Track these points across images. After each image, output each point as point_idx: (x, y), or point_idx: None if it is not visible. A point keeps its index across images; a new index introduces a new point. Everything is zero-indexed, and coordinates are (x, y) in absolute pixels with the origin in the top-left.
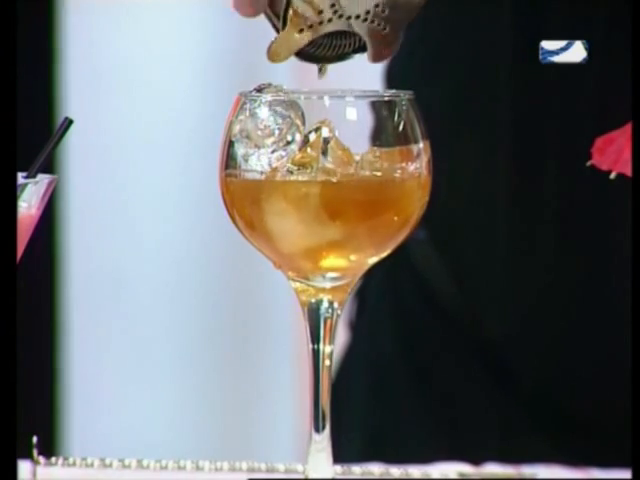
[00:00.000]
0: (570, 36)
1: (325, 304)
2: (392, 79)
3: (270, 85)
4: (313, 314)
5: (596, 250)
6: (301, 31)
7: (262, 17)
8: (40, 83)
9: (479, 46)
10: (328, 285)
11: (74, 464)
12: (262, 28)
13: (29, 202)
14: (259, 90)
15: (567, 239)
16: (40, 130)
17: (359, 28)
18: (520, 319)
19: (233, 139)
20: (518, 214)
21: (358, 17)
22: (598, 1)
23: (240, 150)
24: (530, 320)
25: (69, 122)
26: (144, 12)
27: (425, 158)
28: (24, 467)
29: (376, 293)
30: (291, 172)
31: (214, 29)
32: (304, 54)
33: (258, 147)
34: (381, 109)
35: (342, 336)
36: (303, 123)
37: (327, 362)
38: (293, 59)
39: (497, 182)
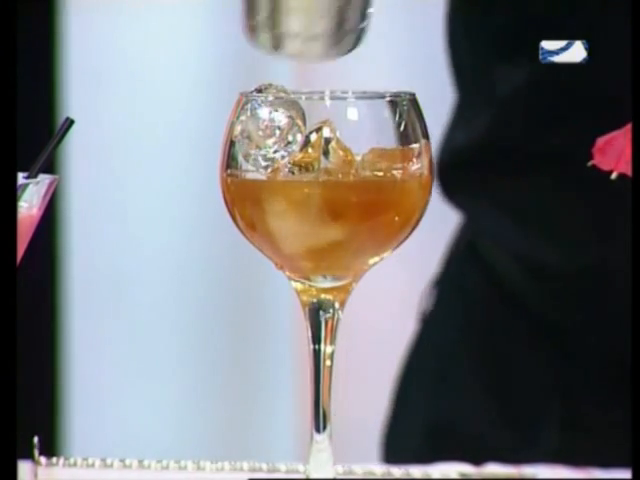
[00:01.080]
0: (570, 36)
1: (326, 304)
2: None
3: (271, 85)
4: (314, 314)
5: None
6: None
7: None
8: (41, 83)
9: (478, 46)
10: (329, 285)
11: (75, 464)
12: None
13: (30, 202)
14: (260, 90)
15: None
16: (41, 130)
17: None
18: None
19: (234, 139)
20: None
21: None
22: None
23: (241, 150)
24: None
25: (70, 122)
26: (145, 12)
27: (426, 158)
28: (25, 468)
29: (446, 285)
30: (292, 172)
31: (215, 29)
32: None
33: (259, 147)
34: (382, 109)
35: (411, 327)
36: (304, 123)
37: (328, 362)
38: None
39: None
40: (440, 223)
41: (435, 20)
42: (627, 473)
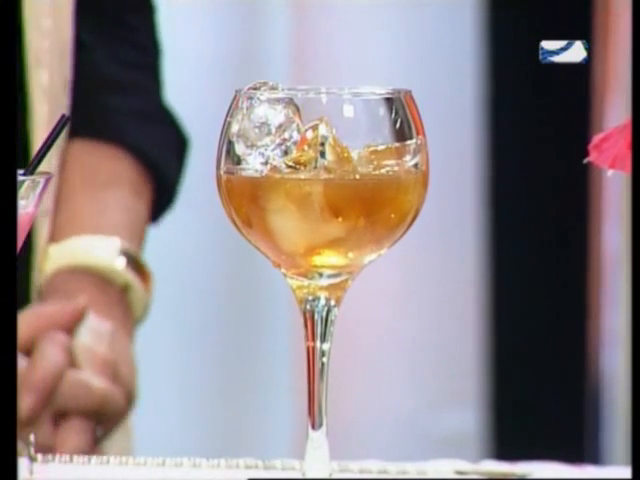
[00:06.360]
0: (570, 36)
1: (322, 301)
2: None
3: (266, 83)
4: (310, 311)
5: None
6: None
7: (259, 14)
8: None
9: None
10: (325, 283)
11: (71, 461)
12: (260, 27)
13: (26, 199)
14: (255, 88)
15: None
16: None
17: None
18: None
19: (230, 137)
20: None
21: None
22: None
23: (237, 148)
24: None
25: (66, 119)
26: None
27: (423, 154)
28: (21, 464)
29: None
30: (289, 170)
31: (212, 27)
32: None
33: (255, 145)
34: (378, 106)
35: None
36: (300, 121)
37: (324, 359)
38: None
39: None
40: (437, 221)
41: (432, 17)
42: (627, 473)
